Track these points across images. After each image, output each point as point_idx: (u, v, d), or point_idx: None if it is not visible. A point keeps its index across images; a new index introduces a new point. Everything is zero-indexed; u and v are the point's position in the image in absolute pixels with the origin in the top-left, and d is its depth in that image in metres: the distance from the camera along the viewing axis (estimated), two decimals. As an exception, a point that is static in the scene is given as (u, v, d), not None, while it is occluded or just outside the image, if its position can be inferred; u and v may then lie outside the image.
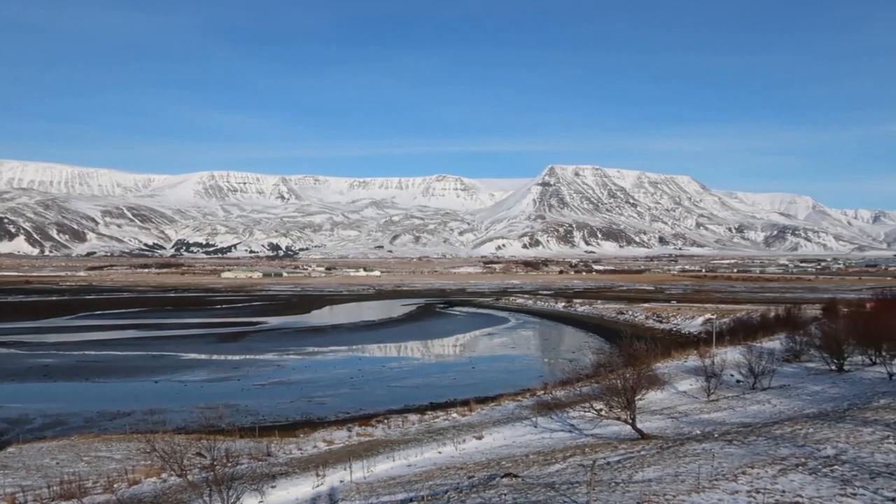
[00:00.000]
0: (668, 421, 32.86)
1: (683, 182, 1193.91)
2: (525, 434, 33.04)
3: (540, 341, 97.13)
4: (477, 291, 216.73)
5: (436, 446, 30.99)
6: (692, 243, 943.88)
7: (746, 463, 18.33)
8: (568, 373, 48.97)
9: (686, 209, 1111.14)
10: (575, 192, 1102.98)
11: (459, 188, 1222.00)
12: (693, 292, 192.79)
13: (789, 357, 51.74)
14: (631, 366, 34.30)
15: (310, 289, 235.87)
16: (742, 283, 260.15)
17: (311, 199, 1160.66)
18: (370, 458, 28.07)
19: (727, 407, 35.39)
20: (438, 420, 39.83)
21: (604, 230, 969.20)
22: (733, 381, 43.02)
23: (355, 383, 59.07)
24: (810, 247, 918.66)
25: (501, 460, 26.04)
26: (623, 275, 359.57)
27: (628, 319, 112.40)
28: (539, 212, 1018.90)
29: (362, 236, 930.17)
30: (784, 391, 38.51)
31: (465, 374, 64.02)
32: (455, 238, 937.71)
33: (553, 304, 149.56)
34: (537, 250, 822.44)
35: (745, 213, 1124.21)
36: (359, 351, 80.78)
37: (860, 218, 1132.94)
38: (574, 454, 24.79)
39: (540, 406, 39.33)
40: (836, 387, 38.08)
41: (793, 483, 15.91)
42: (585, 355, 64.19)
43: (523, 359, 76.01)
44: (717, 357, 46.44)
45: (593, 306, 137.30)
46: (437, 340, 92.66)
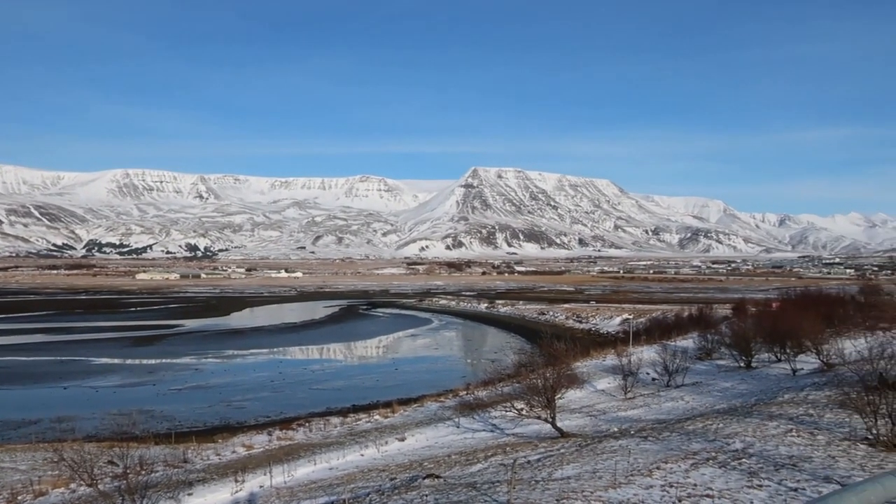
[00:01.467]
0: (587, 419, 33.57)
1: (603, 185, 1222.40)
2: (447, 435, 33.19)
3: (463, 342, 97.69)
4: (400, 293, 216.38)
5: (358, 449, 30.80)
6: (611, 245, 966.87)
7: (661, 458, 18.87)
8: (490, 373, 49.46)
9: (605, 212, 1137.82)
10: (497, 195, 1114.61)
11: (383, 189, 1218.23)
12: (611, 293, 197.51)
13: (702, 355, 53.62)
14: (551, 365, 34.92)
15: (229, 290, 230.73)
16: (658, 283, 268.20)
17: (230, 199, 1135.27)
18: (291, 463, 27.68)
19: (643, 404, 36.40)
20: (361, 422, 39.58)
21: (526, 232, 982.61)
22: (649, 379, 44.30)
23: (276, 386, 58.09)
24: (721, 249, 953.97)
25: (424, 461, 26.07)
26: (544, 276, 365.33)
27: (549, 320, 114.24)
28: (462, 213, 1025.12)
29: (284, 237, 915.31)
30: (696, 388, 39.89)
31: (388, 376, 63.82)
32: (378, 239, 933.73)
33: (476, 305, 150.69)
34: (460, 252, 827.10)
35: (661, 216, 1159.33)
36: (280, 353, 79.46)
37: (767, 221, 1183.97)
38: (495, 453, 25.03)
39: (462, 406, 39.59)
40: (744, 383, 39.67)
41: (704, 476, 16.47)
42: (507, 355, 64.95)
43: (446, 360, 76.29)
44: (634, 356, 47.76)
45: (515, 307, 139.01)
46: (360, 342, 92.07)
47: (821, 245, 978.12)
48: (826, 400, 25.48)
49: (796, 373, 39.82)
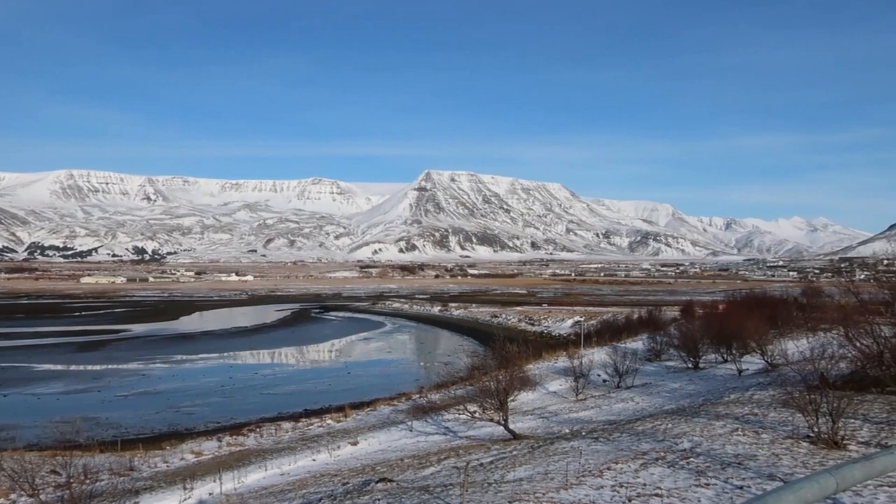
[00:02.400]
0: (540, 421, 33.81)
1: (554, 189, 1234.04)
2: (401, 438, 33.10)
3: (416, 345, 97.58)
4: (353, 296, 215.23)
5: (310, 454, 30.51)
6: (562, 248, 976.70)
7: (611, 459, 19.10)
8: (443, 376, 49.49)
9: (557, 215, 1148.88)
10: (451, 198, 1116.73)
11: (336, 192, 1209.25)
12: (563, 295, 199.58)
13: (651, 356, 54.52)
14: (504, 368, 35.10)
15: (178, 294, 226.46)
16: (608, 286, 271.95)
17: (179, 201, 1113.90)
18: (241, 469, 27.28)
19: (594, 405, 36.83)
20: (313, 427, 39.23)
21: (479, 235, 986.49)
22: (600, 381, 44.85)
23: (226, 392, 57.21)
24: (670, 252, 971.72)
25: (377, 465, 25.96)
26: (497, 279, 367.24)
27: (502, 322, 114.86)
28: (415, 216, 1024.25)
29: (235, 240, 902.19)
30: (646, 389, 40.53)
31: (341, 380, 63.40)
32: (331, 242, 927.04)
33: (429, 308, 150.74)
34: (414, 255, 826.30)
35: (612, 219, 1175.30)
36: (230, 358, 78.29)
37: (714, 225, 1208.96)
38: (448, 456, 25.05)
39: (416, 409, 39.53)
40: (692, 384, 40.44)
41: (653, 476, 16.73)
42: (460, 358, 65.09)
43: (399, 363, 76.12)
44: (585, 358, 48.30)
45: (468, 310, 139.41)
46: (312, 346, 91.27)
47: (765, 248, 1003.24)
48: (770, 399, 26.10)
49: (742, 373, 40.74)
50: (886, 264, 51.85)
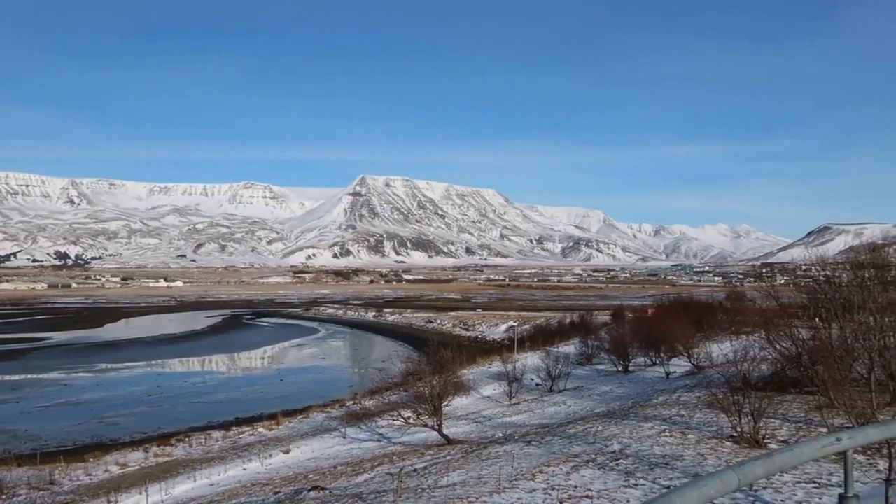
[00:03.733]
0: (474, 425, 33.98)
1: (489, 195, 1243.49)
2: (334, 445, 32.79)
3: (350, 351, 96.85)
4: (286, 302, 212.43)
5: (241, 463, 29.94)
6: (497, 254, 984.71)
7: (543, 462, 19.33)
8: (377, 382, 49.28)
9: (491, 221, 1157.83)
10: (386, 203, 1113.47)
11: (268, 196, 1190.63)
12: (497, 301, 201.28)
13: (582, 360, 55.41)
14: (438, 373, 35.16)
15: (103, 301, 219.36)
16: (542, 291, 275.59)
17: (105, 205, 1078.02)
18: (169, 480, 26.56)
19: (527, 409, 37.21)
20: (244, 435, 38.51)
21: (413, 240, 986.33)
22: (533, 385, 45.35)
23: (154, 401, 55.59)
24: (601, 257, 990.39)
25: (309, 473, 25.64)
26: (432, 284, 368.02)
27: (437, 328, 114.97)
28: (350, 221, 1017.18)
29: (163, 245, 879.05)
30: (578, 392, 41.17)
31: (273, 387, 62.39)
32: (263, 247, 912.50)
33: (364, 314, 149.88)
34: (348, 260, 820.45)
35: (545, 225, 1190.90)
36: (158, 366, 76.14)
37: (644, 231, 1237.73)
38: (382, 463, 24.94)
39: (349, 416, 39.21)
40: (622, 386, 41.29)
41: (584, 478, 16.99)
42: (395, 364, 64.77)
43: (333, 369, 75.42)
44: (519, 362, 48.80)
45: (403, 315, 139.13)
46: (243, 353, 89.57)
47: (692, 254, 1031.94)
48: (696, 401, 26.85)
49: (669, 376, 41.78)
50: (804, 269, 53.91)
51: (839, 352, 19.51)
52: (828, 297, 25.15)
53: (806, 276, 36.84)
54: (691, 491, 3.12)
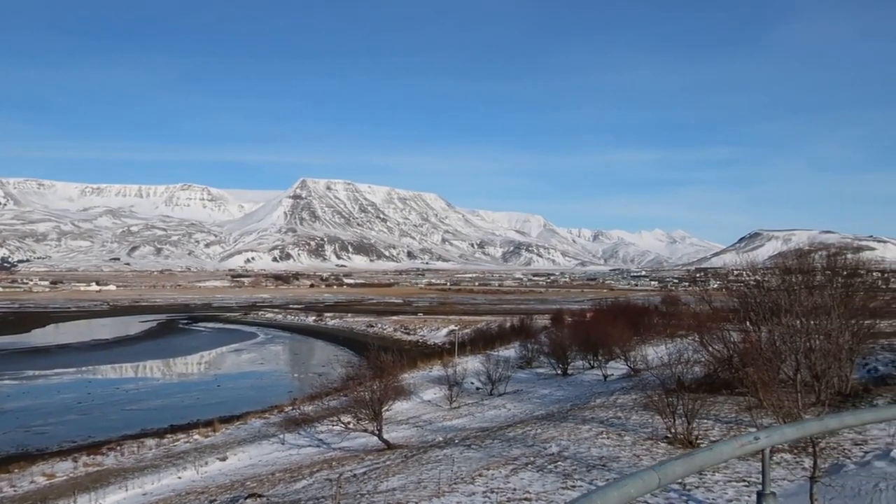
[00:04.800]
0: (414, 430, 33.93)
1: (431, 199, 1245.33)
2: (272, 452, 32.33)
3: (290, 356, 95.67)
4: (224, 306, 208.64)
5: (175, 471, 29.25)
6: (438, 258, 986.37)
7: (483, 465, 19.42)
8: (317, 387, 48.76)
9: (433, 225, 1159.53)
10: (327, 206, 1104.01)
11: (206, 198, 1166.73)
12: (438, 305, 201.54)
13: (523, 364, 55.91)
14: (379, 377, 35.01)
15: (30, 305, 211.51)
16: (483, 295, 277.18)
17: (33, 206, 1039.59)
18: (99, 490, 25.79)
19: (468, 413, 37.34)
20: (179, 443, 37.63)
21: (355, 244, 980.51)
22: (473, 388, 45.55)
23: (84, 409, 53.82)
24: (541, 262, 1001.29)
25: (246, 480, 25.22)
26: (373, 288, 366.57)
27: (377, 332, 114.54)
28: (290, 225, 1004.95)
29: (96, 247, 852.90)
30: (518, 395, 41.52)
31: (210, 393, 61.13)
32: (201, 250, 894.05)
33: (304, 318, 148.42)
34: (288, 264, 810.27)
35: (486, 230, 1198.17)
36: (89, 373, 73.80)
37: (583, 237, 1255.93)
38: (321, 469, 24.70)
39: (288, 422, 38.71)
40: (561, 389, 41.82)
41: (523, 481, 17.14)
42: (335, 369, 64.26)
43: (272, 374, 74.37)
44: (460, 366, 48.95)
45: (344, 319, 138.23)
46: (179, 358, 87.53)
47: (629, 259, 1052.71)
48: (632, 403, 27.37)
49: (607, 378, 42.51)
50: (736, 274, 55.59)
51: (768, 354, 20.17)
52: (757, 301, 25.98)
53: (737, 281, 37.98)
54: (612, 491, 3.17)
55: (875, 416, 7.27)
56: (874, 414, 6.65)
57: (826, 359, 22.27)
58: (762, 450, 4.02)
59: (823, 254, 34.98)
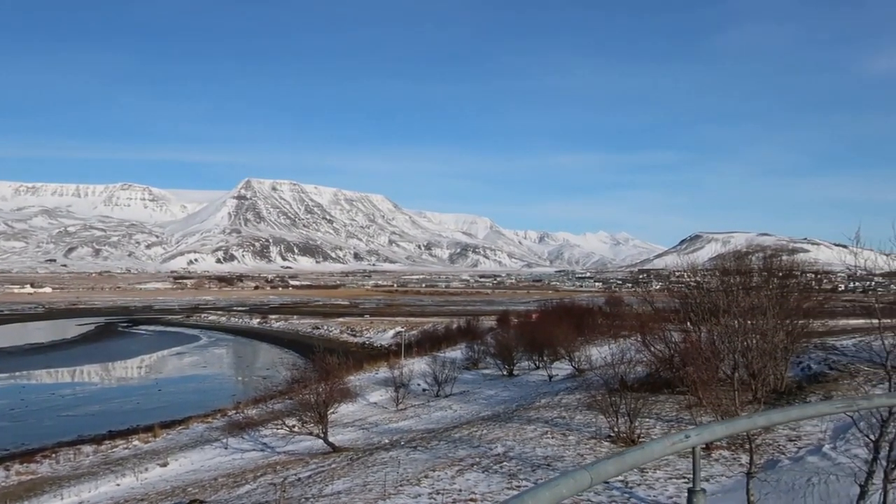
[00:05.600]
0: (360, 432, 33.76)
1: (378, 200, 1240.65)
2: (215, 457, 31.79)
3: (234, 359, 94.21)
4: (166, 308, 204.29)
5: (114, 478, 28.52)
6: (385, 259, 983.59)
7: (429, 466, 19.44)
8: (262, 390, 48.21)
9: (380, 227, 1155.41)
10: (272, 207, 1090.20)
11: (148, 198, 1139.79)
12: (385, 306, 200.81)
13: (469, 365, 56.11)
14: (324, 380, 34.75)
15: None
16: (429, 297, 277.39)
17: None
18: (33, 500, 24.99)
19: (414, 415, 37.31)
20: (118, 449, 36.68)
21: (301, 245, 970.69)
22: (420, 390, 45.54)
23: (17, 415, 51.99)
24: (488, 264, 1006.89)
25: (188, 486, 24.74)
26: (319, 290, 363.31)
27: (323, 334, 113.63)
28: (234, 226, 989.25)
29: (30, 248, 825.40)
30: (464, 397, 41.67)
31: (151, 398, 59.74)
32: (142, 252, 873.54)
33: (248, 321, 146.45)
34: (232, 265, 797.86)
35: (433, 231, 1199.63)
36: (22, 378, 71.37)
37: (529, 238, 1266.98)
38: (265, 473, 24.39)
39: (231, 426, 38.07)
40: (507, 390, 42.11)
41: (469, 482, 17.22)
42: (280, 371, 63.45)
43: (215, 378, 73.11)
44: (406, 368, 48.86)
45: (289, 322, 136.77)
46: (118, 362, 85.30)
47: (574, 261, 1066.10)
48: (577, 403, 27.74)
49: (552, 379, 42.98)
50: (677, 276, 56.96)
51: (707, 353, 20.64)
52: (697, 302, 26.59)
53: (678, 282, 38.80)
54: (543, 491, 3.19)
55: (800, 413, 7.51)
56: (800, 411, 6.87)
57: (762, 358, 22.95)
58: (692, 447, 4.10)
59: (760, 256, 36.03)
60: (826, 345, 32.81)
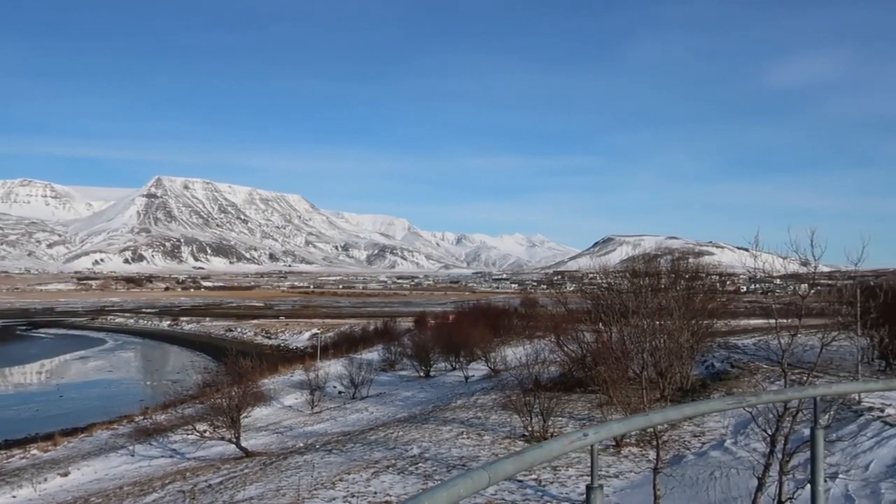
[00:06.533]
0: (274, 436, 33.21)
1: (294, 200, 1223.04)
2: (120, 465, 30.65)
3: (142, 363, 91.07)
4: (69, 310, 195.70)
5: (9, 490, 27.10)
6: (301, 260, 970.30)
7: (344, 470, 19.29)
8: (171, 395, 46.81)
9: (296, 227, 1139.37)
10: (184, 206, 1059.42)
11: (50, 195, 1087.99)
12: (301, 308, 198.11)
13: (386, 366, 55.96)
14: (237, 383, 34.06)
15: None
16: (347, 298, 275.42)
17: None
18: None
19: (329, 418, 36.97)
20: (14, 459, 34.85)
21: (214, 246, 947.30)
22: (336, 392, 45.12)
23: None
24: (406, 265, 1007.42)
25: (91, 496, 23.77)
26: (233, 291, 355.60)
27: (237, 336, 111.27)
28: (144, 225, 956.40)
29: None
30: (381, 398, 41.54)
31: (52, 404, 57.02)
32: (43, 251, 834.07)
33: (158, 323, 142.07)
34: (141, 266, 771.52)
35: (351, 232, 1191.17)
36: None
37: (446, 240, 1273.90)
38: (174, 480, 23.67)
39: (139, 433, 36.77)
40: (423, 391, 42.23)
41: (384, 484, 17.17)
42: (191, 375, 61.66)
43: (122, 383, 70.45)
44: (322, 370, 48.34)
45: (201, 324, 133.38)
46: (16, 367, 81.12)
47: (491, 262, 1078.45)
48: (492, 403, 28.06)
49: (468, 379, 43.32)
50: (590, 277, 58.49)
51: (617, 353, 21.24)
52: (609, 303, 27.34)
53: (591, 284, 39.76)
54: (441, 492, 3.20)
55: (694, 410, 7.80)
56: (693, 408, 7.13)
57: (669, 357, 23.79)
58: (591, 445, 4.20)
59: (668, 258, 37.32)
60: (729, 344, 34.29)
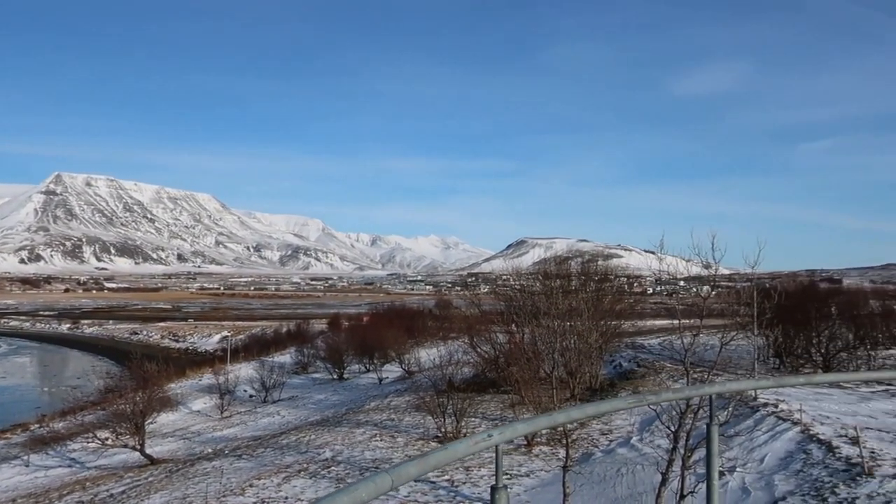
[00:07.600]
0: (181, 442, 32.24)
1: (204, 199, 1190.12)
2: (13, 476, 29.08)
3: (39, 368, 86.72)
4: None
5: None
6: (211, 261, 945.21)
7: (254, 475, 18.92)
8: (70, 402, 44.71)
9: (206, 227, 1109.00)
10: (86, 204, 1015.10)
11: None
12: (211, 310, 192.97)
13: (298, 369, 55.20)
14: (142, 388, 32.92)
15: None
16: (259, 300, 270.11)
17: None
18: None
19: (240, 422, 36.17)
20: None
21: (118, 246, 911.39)
22: (246, 396, 44.16)
23: None
24: (320, 266, 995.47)
25: (-20, 510, 22.47)
26: (139, 293, 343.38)
27: (143, 340, 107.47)
28: (42, 223, 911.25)
29: None
30: (293, 402, 40.92)
31: (-64, 414, 53.62)
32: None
33: (57, 326, 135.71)
34: (39, 266, 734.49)
35: (263, 232, 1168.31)
36: None
37: (361, 241, 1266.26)
38: (73, 491, 22.66)
39: (34, 441, 34.96)
40: (337, 394, 41.84)
41: (295, 488, 16.94)
42: (92, 381, 59.23)
43: (16, 389, 66.89)
44: (232, 374, 47.25)
45: (104, 327, 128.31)
46: None
47: (406, 264, 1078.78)
48: (406, 405, 28.07)
49: (382, 381, 43.21)
50: (504, 279, 59.46)
51: (529, 353, 21.62)
52: (521, 305, 27.80)
53: (504, 286, 40.34)
54: (342, 496, 3.18)
55: (596, 410, 8.03)
56: (595, 407, 7.32)
57: (579, 357, 24.37)
58: (496, 446, 4.25)
59: (579, 261, 38.19)
60: (636, 344, 35.44)
